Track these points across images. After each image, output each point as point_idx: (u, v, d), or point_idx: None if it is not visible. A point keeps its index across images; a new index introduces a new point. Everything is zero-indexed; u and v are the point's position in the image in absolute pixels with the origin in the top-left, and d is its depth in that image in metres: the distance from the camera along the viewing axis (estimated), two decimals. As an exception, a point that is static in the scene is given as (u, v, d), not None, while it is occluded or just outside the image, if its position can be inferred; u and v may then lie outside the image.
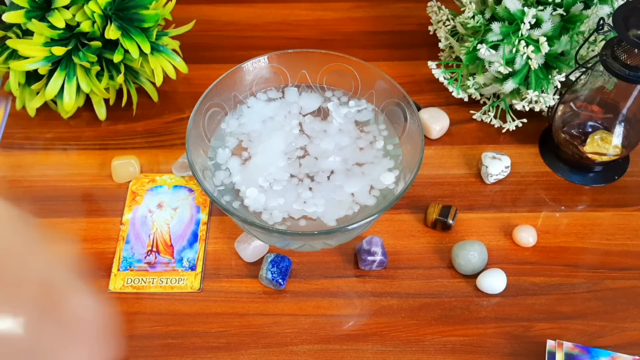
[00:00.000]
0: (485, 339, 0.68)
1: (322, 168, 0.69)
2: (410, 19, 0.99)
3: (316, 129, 0.72)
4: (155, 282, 0.73)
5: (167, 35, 0.84)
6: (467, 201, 0.79)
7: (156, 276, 0.73)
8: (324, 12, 1.01)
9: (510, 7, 0.76)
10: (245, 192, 0.67)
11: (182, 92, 0.90)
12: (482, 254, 0.72)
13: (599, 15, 0.77)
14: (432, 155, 0.83)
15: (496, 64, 0.78)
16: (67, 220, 0.77)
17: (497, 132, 0.86)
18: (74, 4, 0.75)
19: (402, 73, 0.92)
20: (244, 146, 0.71)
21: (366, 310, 0.71)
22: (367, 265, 0.72)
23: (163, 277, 0.73)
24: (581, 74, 0.77)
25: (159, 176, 0.81)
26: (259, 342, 0.68)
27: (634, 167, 0.82)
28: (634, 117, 0.76)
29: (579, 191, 0.80)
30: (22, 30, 0.77)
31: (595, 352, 0.64)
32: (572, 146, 0.79)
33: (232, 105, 0.74)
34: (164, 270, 0.73)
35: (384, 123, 0.73)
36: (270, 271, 0.70)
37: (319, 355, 0.67)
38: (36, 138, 0.85)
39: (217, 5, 1.01)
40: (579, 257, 0.75)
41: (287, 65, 0.74)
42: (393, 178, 0.69)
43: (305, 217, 0.66)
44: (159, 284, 0.72)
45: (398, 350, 0.68)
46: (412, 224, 0.77)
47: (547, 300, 0.71)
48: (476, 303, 0.71)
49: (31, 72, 0.80)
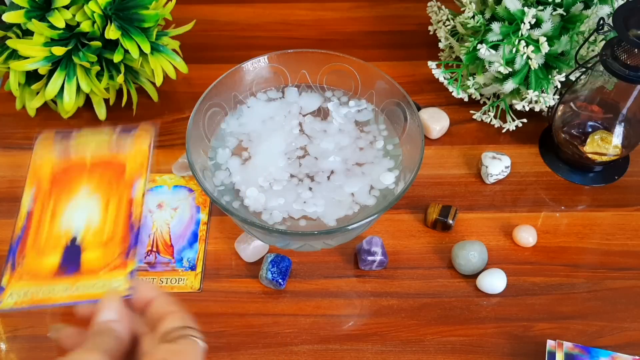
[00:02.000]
0: (485, 339, 0.68)
1: (322, 168, 0.69)
2: (410, 19, 0.99)
3: (316, 129, 0.72)
4: (155, 282, 0.73)
5: (167, 35, 0.84)
6: (467, 201, 0.79)
7: (156, 276, 0.73)
8: (324, 12, 1.01)
9: (510, 7, 0.76)
10: (245, 192, 0.67)
11: (182, 92, 0.90)
12: (482, 254, 0.72)
13: (599, 15, 0.77)
14: (432, 155, 0.83)
15: (496, 64, 0.78)
16: (67, 220, 0.77)
17: (497, 132, 0.86)
18: (74, 4, 0.75)
19: (402, 73, 0.92)
20: (244, 146, 0.71)
21: (366, 310, 0.71)
22: (367, 265, 0.72)
23: (163, 277, 0.73)
24: (581, 74, 0.77)
25: (159, 176, 0.81)
26: (259, 342, 0.68)
27: (634, 167, 0.82)
28: (634, 117, 0.76)
29: (579, 191, 0.80)
30: (22, 30, 0.77)
31: (595, 352, 0.64)
32: (572, 146, 0.79)
33: (232, 105, 0.74)
34: (164, 271, 0.73)
35: (384, 123, 0.73)
36: (270, 271, 0.70)
37: (319, 355, 0.67)
38: (36, 138, 0.85)
39: (217, 5, 1.01)
40: (579, 257, 0.75)
41: (287, 65, 0.74)
42: (393, 178, 0.69)
43: (305, 217, 0.66)
44: (159, 284, 0.72)
45: (398, 350, 0.68)
46: (412, 224, 0.77)
47: (547, 300, 0.71)
48: (476, 303, 0.71)
49: (31, 72, 0.80)
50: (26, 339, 0.68)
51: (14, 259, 0.50)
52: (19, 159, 0.83)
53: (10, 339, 0.68)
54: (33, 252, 0.50)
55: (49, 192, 0.53)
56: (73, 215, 0.51)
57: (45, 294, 0.47)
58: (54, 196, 0.53)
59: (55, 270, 0.49)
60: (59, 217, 0.51)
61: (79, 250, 0.49)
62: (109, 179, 0.53)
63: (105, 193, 0.52)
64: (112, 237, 0.50)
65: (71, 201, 0.52)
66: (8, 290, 0.48)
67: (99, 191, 0.52)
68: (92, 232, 0.50)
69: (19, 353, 0.67)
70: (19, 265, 0.50)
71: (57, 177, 0.54)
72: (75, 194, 0.52)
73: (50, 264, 0.49)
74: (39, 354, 0.67)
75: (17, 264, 0.50)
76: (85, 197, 0.52)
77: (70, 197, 0.52)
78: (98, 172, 0.53)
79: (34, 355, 0.67)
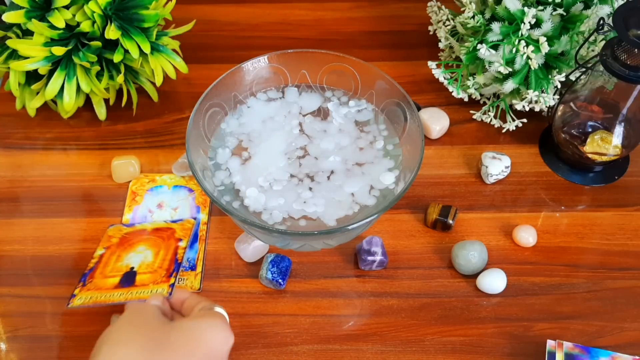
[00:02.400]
0: (485, 339, 0.68)
1: (322, 168, 0.69)
2: (410, 19, 0.99)
3: (316, 129, 0.72)
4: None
5: (167, 35, 0.84)
6: (467, 201, 0.79)
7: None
8: (324, 12, 1.01)
9: (510, 7, 0.76)
10: (245, 192, 0.67)
11: (182, 92, 0.90)
12: (482, 254, 0.72)
13: (599, 15, 0.77)
14: (432, 155, 0.83)
15: (496, 64, 0.78)
16: (67, 220, 0.77)
17: (497, 132, 0.86)
18: (74, 4, 0.75)
19: (402, 73, 0.92)
20: (244, 146, 0.71)
21: (366, 310, 0.71)
22: (367, 265, 0.72)
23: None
24: (581, 74, 0.77)
25: (159, 176, 0.81)
26: (259, 342, 0.68)
27: (634, 167, 0.82)
28: (634, 117, 0.76)
29: (579, 191, 0.80)
30: (22, 30, 0.77)
31: (595, 352, 0.64)
32: (572, 146, 0.79)
33: (232, 105, 0.74)
34: (164, 270, 0.74)
35: (384, 123, 0.73)
36: (270, 271, 0.70)
37: (319, 355, 0.67)
38: (36, 138, 0.85)
39: (217, 5, 1.01)
40: (579, 257, 0.75)
41: (287, 65, 0.74)
42: (393, 178, 0.69)
43: (305, 217, 0.66)
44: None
45: (398, 350, 0.68)
46: (412, 224, 0.77)
47: (547, 300, 0.71)
48: (476, 303, 0.71)
49: (31, 72, 0.80)
50: (26, 339, 0.68)
51: (85, 280, 0.68)
52: (19, 159, 0.83)
53: (10, 339, 0.68)
54: (100, 276, 0.68)
55: (116, 246, 0.72)
56: (132, 257, 0.70)
57: (106, 297, 0.65)
58: (120, 248, 0.72)
59: (115, 285, 0.66)
60: (122, 259, 0.70)
61: (135, 274, 0.67)
62: (162, 238, 0.73)
63: (157, 247, 0.71)
64: (161, 265, 0.68)
65: (132, 252, 0.71)
66: (77, 297, 0.66)
67: (154, 247, 0.71)
68: (146, 265, 0.68)
69: (19, 353, 0.67)
70: (88, 283, 0.68)
71: (124, 238, 0.73)
72: (136, 248, 0.71)
73: (111, 282, 0.67)
74: (39, 354, 0.67)
75: (87, 282, 0.68)
76: (143, 250, 0.71)
77: (131, 250, 0.71)
78: (155, 235, 0.73)
79: (34, 355, 0.67)
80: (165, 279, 0.66)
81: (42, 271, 0.73)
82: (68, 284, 0.71)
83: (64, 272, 0.73)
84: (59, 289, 0.71)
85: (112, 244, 0.73)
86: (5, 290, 0.71)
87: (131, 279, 0.67)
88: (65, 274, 0.72)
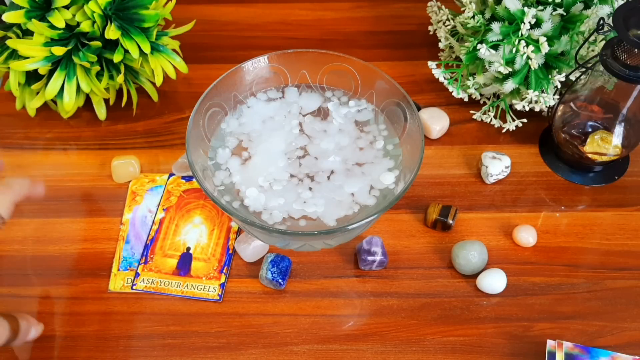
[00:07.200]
0: (485, 339, 0.68)
1: (322, 168, 0.69)
2: (410, 19, 0.99)
3: (316, 129, 0.72)
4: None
5: (167, 35, 0.84)
6: (467, 201, 0.79)
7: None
8: (324, 12, 1.01)
9: (510, 7, 0.76)
10: (245, 192, 0.67)
11: (182, 92, 0.90)
12: (482, 254, 0.72)
13: (599, 15, 0.77)
14: (432, 155, 0.83)
15: (496, 64, 0.78)
16: (67, 220, 0.77)
17: (497, 132, 0.86)
18: (74, 4, 0.75)
19: (402, 73, 0.92)
20: (244, 146, 0.71)
21: (366, 310, 0.71)
22: (367, 265, 0.72)
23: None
24: (581, 74, 0.77)
25: (159, 176, 0.81)
26: (259, 342, 0.68)
27: (634, 167, 0.82)
28: (634, 117, 0.76)
29: (579, 191, 0.80)
30: (22, 30, 0.77)
31: (595, 352, 0.64)
32: (572, 146, 0.79)
33: (232, 105, 0.74)
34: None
35: (384, 123, 0.73)
36: (270, 271, 0.70)
37: (319, 355, 0.67)
38: (36, 138, 0.85)
39: (217, 5, 1.01)
40: (579, 257, 0.75)
41: (287, 65, 0.74)
42: (393, 178, 0.69)
43: (305, 217, 0.66)
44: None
45: (398, 350, 0.68)
46: (412, 224, 0.77)
47: (547, 300, 0.71)
48: (476, 303, 0.71)
49: (31, 72, 0.80)
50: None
51: (147, 255, 0.73)
52: (19, 159, 0.83)
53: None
54: (160, 253, 0.73)
55: (175, 209, 0.76)
56: (189, 231, 0.74)
57: (165, 285, 0.71)
58: (178, 214, 0.76)
59: (174, 270, 0.72)
60: (179, 232, 0.74)
61: (190, 257, 0.73)
62: (217, 211, 0.76)
63: (212, 222, 0.75)
64: (214, 254, 0.73)
65: (189, 223, 0.75)
66: (141, 277, 0.72)
67: (209, 221, 0.75)
68: (201, 247, 0.73)
69: (19, 353, 0.67)
70: (150, 261, 0.73)
71: (181, 204, 0.77)
72: (193, 217, 0.76)
73: (170, 265, 0.72)
74: (39, 353, 0.67)
75: (148, 259, 0.73)
76: (198, 223, 0.75)
77: (188, 221, 0.75)
78: (209, 208, 0.76)
79: (34, 355, 0.67)
80: (217, 273, 0.71)
81: (42, 271, 0.73)
82: (68, 284, 0.71)
83: (64, 272, 0.73)
84: (59, 289, 0.71)
85: (171, 205, 0.76)
86: (5, 290, 0.71)
87: (187, 263, 0.72)
88: (65, 274, 0.72)
